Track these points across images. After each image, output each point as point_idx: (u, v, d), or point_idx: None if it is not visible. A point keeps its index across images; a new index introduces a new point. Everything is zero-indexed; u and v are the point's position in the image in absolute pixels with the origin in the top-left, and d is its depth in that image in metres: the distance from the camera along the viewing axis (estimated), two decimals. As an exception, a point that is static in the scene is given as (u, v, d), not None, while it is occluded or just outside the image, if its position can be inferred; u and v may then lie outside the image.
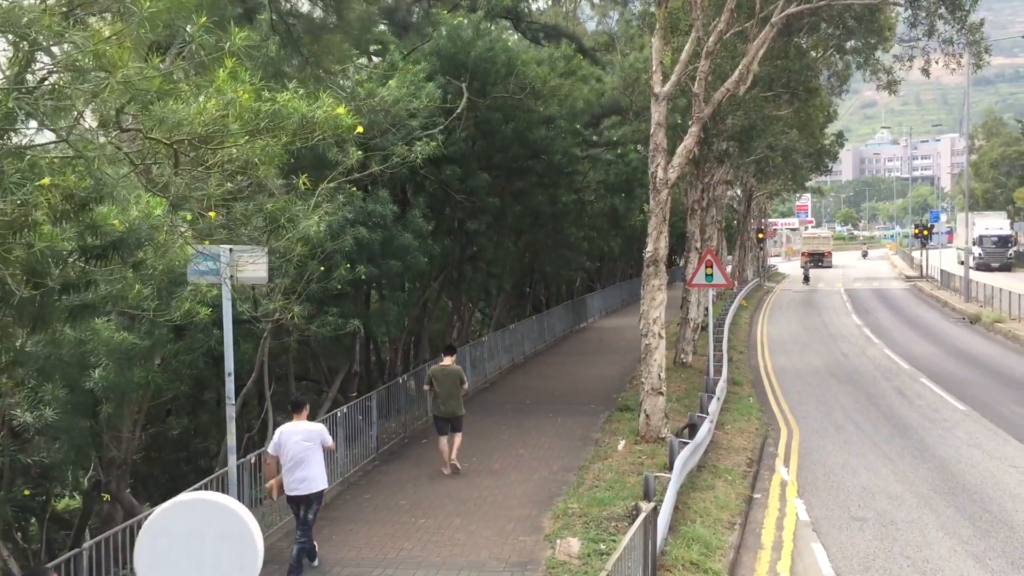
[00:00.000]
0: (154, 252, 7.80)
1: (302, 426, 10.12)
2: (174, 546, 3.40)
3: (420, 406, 18.11)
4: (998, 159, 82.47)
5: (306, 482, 9.94)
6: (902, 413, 19.62)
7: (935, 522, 12.36)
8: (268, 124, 6.32)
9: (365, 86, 16.73)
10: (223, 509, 3.35)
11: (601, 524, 11.33)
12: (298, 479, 9.93)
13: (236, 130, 6.25)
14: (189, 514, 3.37)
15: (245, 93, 6.48)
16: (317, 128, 6.08)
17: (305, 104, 6.07)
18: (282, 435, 10.05)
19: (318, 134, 6.26)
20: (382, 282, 17.35)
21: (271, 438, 10.31)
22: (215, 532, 3.33)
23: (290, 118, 5.97)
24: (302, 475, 9.93)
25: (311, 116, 5.96)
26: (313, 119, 5.96)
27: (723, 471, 14.16)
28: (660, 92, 15.66)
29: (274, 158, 6.56)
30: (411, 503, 12.83)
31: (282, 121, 6.02)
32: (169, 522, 3.38)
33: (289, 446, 9.95)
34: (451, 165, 19.27)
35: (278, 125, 6.15)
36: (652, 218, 15.83)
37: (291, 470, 9.94)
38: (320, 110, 6.00)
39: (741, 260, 53.79)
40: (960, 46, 16.30)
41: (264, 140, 6.15)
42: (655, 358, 15.73)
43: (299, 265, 12.84)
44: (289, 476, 9.96)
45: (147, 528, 3.41)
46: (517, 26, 30.47)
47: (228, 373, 9.76)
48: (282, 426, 10.28)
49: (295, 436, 10.00)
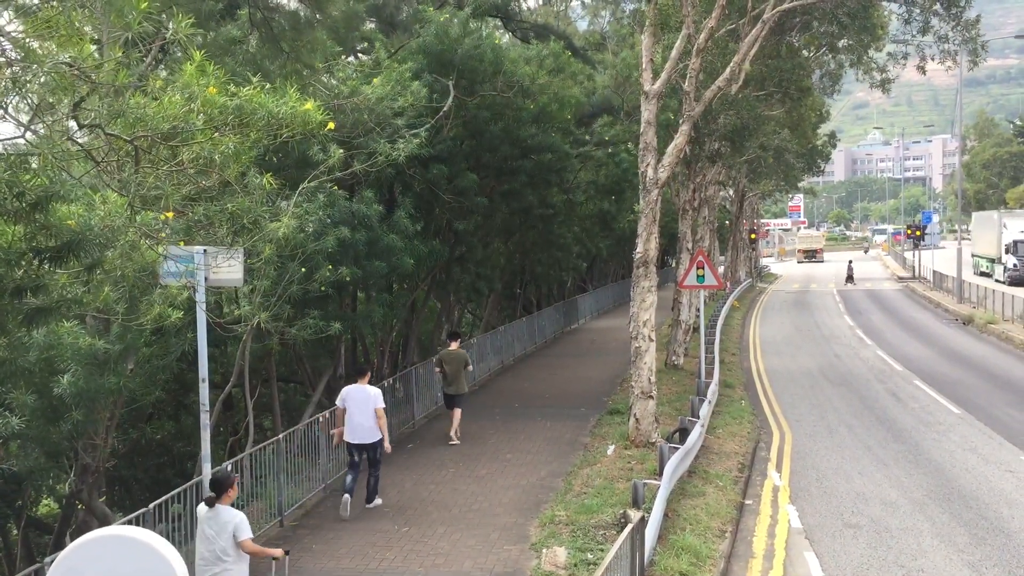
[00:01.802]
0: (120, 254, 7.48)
1: (363, 388, 12.41)
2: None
3: (406, 410, 17.80)
4: (990, 160, 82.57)
5: (361, 431, 12.30)
6: (896, 416, 19.37)
7: (930, 529, 12.09)
8: (233, 120, 5.99)
9: (349, 83, 16.42)
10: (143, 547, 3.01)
11: (589, 533, 11.03)
12: (355, 429, 12.31)
13: (200, 126, 5.94)
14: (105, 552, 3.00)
15: (211, 87, 6.18)
16: (284, 125, 5.75)
17: (271, 99, 5.74)
18: (347, 393, 12.45)
19: (286, 131, 5.93)
20: (368, 283, 17.02)
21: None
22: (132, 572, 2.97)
23: (255, 114, 5.64)
24: (358, 425, 12.28)
25: (276, 112, 5.63)
26: (279, 115, 5.63)
27: (714, 476, 13.88)
28: (650, 90, 15.37)
29: (242, 156, 6.22)
30: (394, 510, 12.52)
31: (247, 117, 5.69)
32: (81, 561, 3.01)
33: (349, 402, 12.38)
34: (439, 164, 18.95)
35: (244, 121, 5.82)
36: (642, 219, 15.53)
37: (349, 422, 12.36)
38: (286, 106, 5.68)
39: (734, 261, 53.59)
40: (956, 43, 16.05)
41: (230, 137, 5.82)
42: (645, 361, 15.44)
43: (279, 267, 12.55)
44: (348, 426, 12.36)
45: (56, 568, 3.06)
46: (507, 25, 30.21)
47: (202, 379, 9.43)
48: (347, 386, 12.62)
49: (356, 395, 12.36)
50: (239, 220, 6.28)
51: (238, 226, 6.51)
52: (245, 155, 6.30)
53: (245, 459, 11.89)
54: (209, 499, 7.45)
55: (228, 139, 5.70)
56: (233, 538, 7.29)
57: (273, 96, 5.85)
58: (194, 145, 5.84)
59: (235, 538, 7.29)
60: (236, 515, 7.36)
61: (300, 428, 13.21)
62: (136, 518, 8.90)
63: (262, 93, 5.82)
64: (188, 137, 5.93)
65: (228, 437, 20.66)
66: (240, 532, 7.32)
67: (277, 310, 12.46)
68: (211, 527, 7.35)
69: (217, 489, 7.46)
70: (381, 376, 20.17)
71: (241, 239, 7.25)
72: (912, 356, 28.15)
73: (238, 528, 7.31)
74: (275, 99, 5.80)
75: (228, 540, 7.27)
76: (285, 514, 12.07)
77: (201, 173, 5.89)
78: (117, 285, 8.68)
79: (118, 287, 8.79)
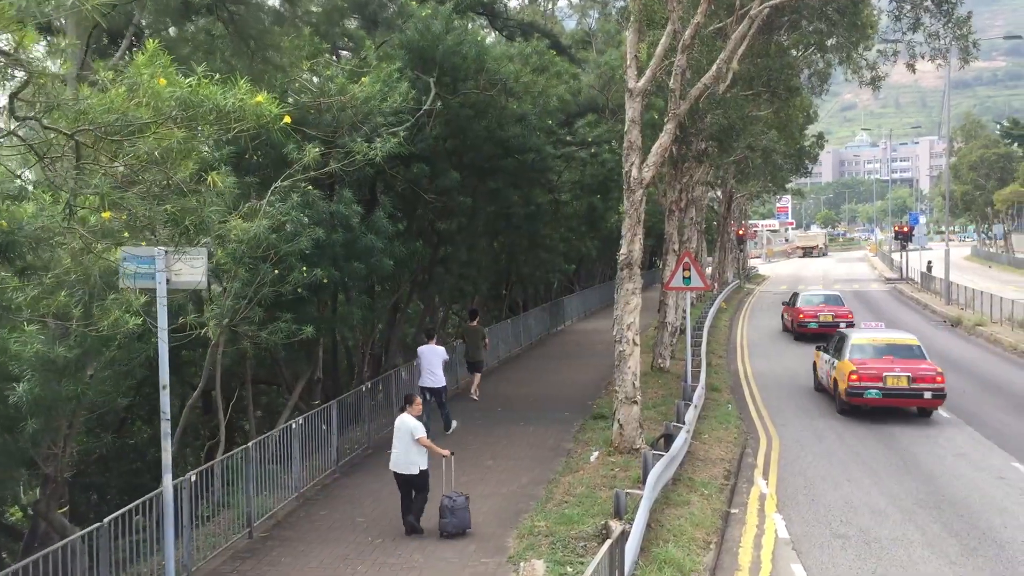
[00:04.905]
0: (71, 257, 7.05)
1: (432, 347, 17.00)
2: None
3: (386, 414, 17.36)
4: (977, 161, 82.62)
5: (430, 377, 16.76)
6: (884, 420, 19.04)
7: (920, 539, 11.76)
8: (180, 113, 5.57)
9: (336, 82, 16.00)
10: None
11: (569, 545, 10.66)
12: (425, 376, 16.81)
13: (147, 119, 5.53)
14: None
15: (161, 79, 5.76)
16: (235, 118, 5.34)
17: (219, 91, 5.33)
18: (421, 351, 17.10)
19: (238, 126, 5.52)
20: (347, 285, 16.60)
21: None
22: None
23: (201, 106, 5.24)
24: (427, 374, 16.78)
25: (223, 104, 5.22)
26: (225, 107, 5.23)
27: (699, 484, 13.52)
28: (635, 87, 15.01)
29: (192, 152, 5.80)
30: (368, 520, 12.12)
31: (192, 110, 5.28)
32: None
33: (422, 357, 16.93)
34: (420, 163, 18.57)
35: (190, 115, 5.41)
36: (626, 219, 15.16)
37: (423, 372, 16.85)
38: (234, 98, 5.27)
39: (721, 262, 53.34)
40: (947, 41, 15.73)
41: (176, 132, 5.40)
42: (629, 365, 15.07)
43: (251, 268, 12.13)
44: (422, 375, 16.82)
45: None
46: (493, 23, 29.83)
47: (163, 386, 8.98)
48: (422, 346, 17.24)
49: (427, 352, 16.94)
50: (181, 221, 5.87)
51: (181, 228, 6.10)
52: (196, 152, 5.84)
53: (216, 466, 11.47)
54: (402, 408, 11.72)
55: (174, 134, 5.28)
56: (411, 435, 11.23)
57: (222, 88, 5.44)
58: (138, 141, 5.41)
59: (412, 436, 11.23)
60: (413, 421, 11.33)
61: (274, 434, 12.78)
62: (89, 533, 8.48)
63: (209, 84, 5.41)
64: (133, 131, 5.51)
65: (206, 441, 20.22)
66: (416, 432, 11.26)
67: (248, 313, 12.06)
68: (400, 428, 11.36)
69: (406, 401, 11.73)
70: (362, 379, 19.73)
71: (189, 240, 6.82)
72: (900, 359, 27.83)
73: (414, 430, 11.25)
74: (223, 91, 5.39)
75: (408, 436, 11.26)
76: (255, 525, 11.63)
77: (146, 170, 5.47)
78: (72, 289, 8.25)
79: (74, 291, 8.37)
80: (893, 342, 20.22)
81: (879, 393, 18.60)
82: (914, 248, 59.28)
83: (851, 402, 18.99)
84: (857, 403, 18.89)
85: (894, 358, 19.21)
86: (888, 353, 19.54)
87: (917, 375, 18.66)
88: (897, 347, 19.89)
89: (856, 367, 18.85)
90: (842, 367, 19.44)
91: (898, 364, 18.88)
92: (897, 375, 18.59)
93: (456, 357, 20.69)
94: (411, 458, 11.28)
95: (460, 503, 11.32)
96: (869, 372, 18.70)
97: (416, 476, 11.34)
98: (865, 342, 20.05)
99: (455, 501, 11.30)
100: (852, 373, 18.80)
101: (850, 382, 18.82)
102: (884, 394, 18.60)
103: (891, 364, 18.90)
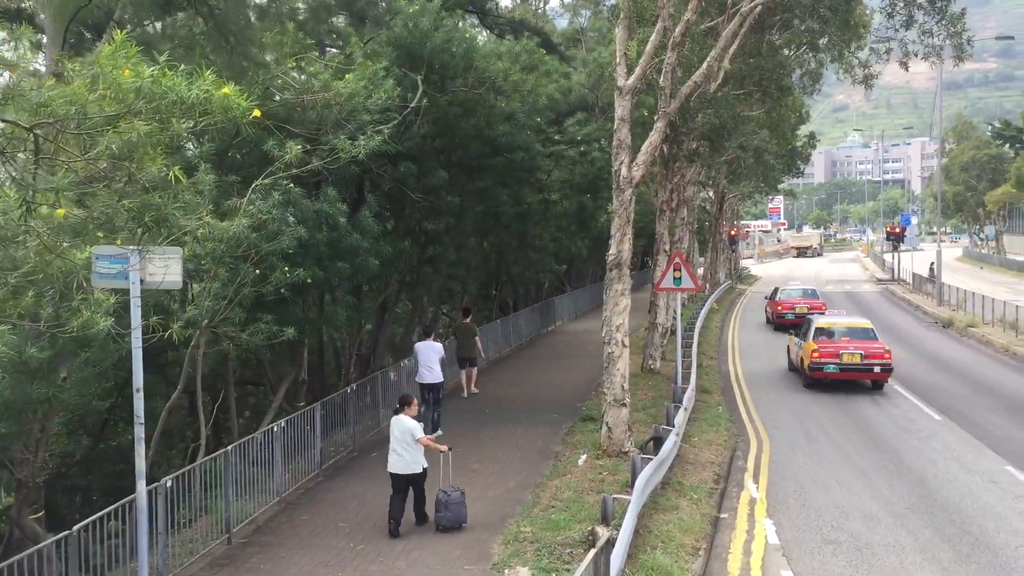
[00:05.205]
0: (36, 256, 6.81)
1: (430, 344, 17.05)
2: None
3: (371, 416, 17.12)
4: (969, 162, 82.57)
5: (428, 373, 16.75)
6: (876, 422, 18.90)
7: (913, 545, 11.56)
8: (144, 106, 5.31)
9: (320, 78, 15.75)
10: None
11: (555, 551, 10.43)
12: (423, 373, 16.80)
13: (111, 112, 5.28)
14: None
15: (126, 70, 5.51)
16: (201, 111, 5.10)
17: (183, 83, 5.09)
18: (418, 348, 17.24)
19: (203, 120, 5.28)
20: (332, 285, 16.32)
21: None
22: None
23: (165, 97, 4.99)
24: (426, 370, 16.77)
25: (187, 96, 4.98)
26: (189, 99, 4.98)
27: (689, 489, 13.30)
28: (624, 85, 14.79)
29: (157, 147, 5.55)
30: (351, 525, 11.87)
31: (156, 101, 5.04)
32: None
33: (420, 353, 16.95)
34: (407, 162, 18.32)
35: (153, 106, 5.16)
36: (616, 219, 14.92)
37: (420, 367, 16.88)
38: (198, 89, 5.03)
39: (713, 262, 53.17)
40: (940, 38, 15.55)
41: (137, 124, 5.15)
42: (618, 367, 14.84)
43: (231, 268, 11.88)
44: (419, 371, 16.88)
45: None
46: (483, 21, 29.64)
47: (136, 389, 8.73)
48: (419, 342, 17.44)
49: (424, 348, 16.97)
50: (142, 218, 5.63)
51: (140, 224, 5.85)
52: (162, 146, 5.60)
53: (197, 470, 11.21)
54: (396, 410, 11.63)
55: (135, 127, 5.03)
56: (411, 435, 11.27)
57: (187, 79, 5.19)
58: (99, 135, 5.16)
59: (412, 436, 11.27)
60: (411, 422, 11.35)
61: (257, 436, 12.53)
62: (59, 541, 8.23)
63: (174, 75, 5.16)
64: (95, 124, 5.26)
65: (190, 444, 19.91)
66: (416, 432, 11.32)
67: (228, 314, 11.80)
68: (398, 428, 11.33)
69: (401, 403, 11.64)
70: (348, 380, 19.46)
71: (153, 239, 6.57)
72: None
73: (414, 431, 11.29)
74: (187, 82, 5.15)
75: (408, 437, 11.25)
76: (234, 531, 11.37)
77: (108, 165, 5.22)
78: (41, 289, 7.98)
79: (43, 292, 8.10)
80: (850, 326, 23.49)
81: (837, 368, 21.82)
82: (906, 249, 59.19)
83: (813, 376, 22.14)
84: (818, 376, 22.03)
85: (850, 339, 22.37)
86: (846, 335, 22.64)
87: (869, 352, 21.84)
88: (853, 330, 23.05)
89: (818, 347, 22.09)
90: (807, 347, 22.64)
91: (853, 344, 22.08)
92: (852, 353, 21.85)
93: (449, 355, 20.40)
94: (415, 458, 11.41)
95: (455, 498, 11.53)
96: (828, 350, 21.95)
97: (420, 474, 11.50)
98: (826, 326, 23.27)
99: (450, 496, 11.51)
100: (814, 351, 22.03)
101: (812, 359, 22.03)
102: (841, 368, 21.82)
103: (847, 344, 22.08)
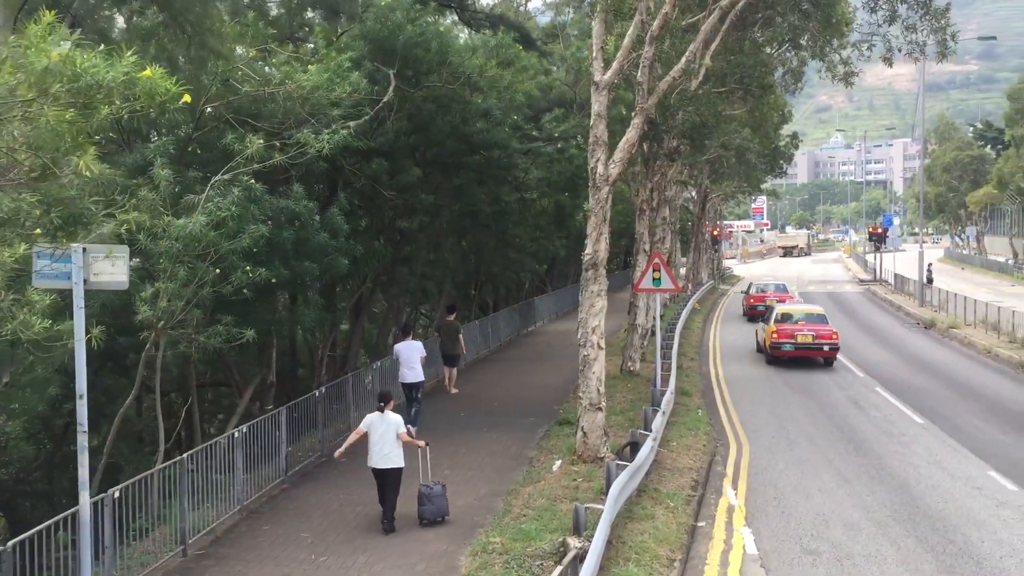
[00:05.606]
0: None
1: (410, 343, 17.31)
2: None
3: (342, 420, 16.62)
4: (951, 163, 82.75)
5: (409, 373, 16.98)
6: (857, 426, 18.57)
7: (895, 556, 11.19)
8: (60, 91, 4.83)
9: (282, 70, 15.25)
10: None
11: (524, 564, 9.99)
12: (405, 373, 16.99)
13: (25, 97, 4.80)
14: None
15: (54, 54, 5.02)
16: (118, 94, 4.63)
17: (102, 65, 4.62)
18: (399, 348, 17.31)
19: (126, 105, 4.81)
20: (299, 285, 15.78)
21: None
22: None
23: (78, 80, 4.52)
24: (408, 370, 16.97)
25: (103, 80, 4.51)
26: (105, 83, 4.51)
27: (665, 496, 12.88)
28: (601, 80, 14.37)
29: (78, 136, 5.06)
30: (315, 535, 11.40)
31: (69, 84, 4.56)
32: None
33: (400, 353, 17.13)
34: (380, 159, 17.83)
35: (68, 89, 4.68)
36: (592, 217, 14.49)
37: (402, 367, 17.06)
38: (115, 71, 4.56)
39: (696, 263, 52.89)
40: (924, 34, 15.22)
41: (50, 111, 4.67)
42: (594, 371, 14.41)
43: (190, 267, 11.38)
44: (401, 370, 17.06)
45: None
46: (462, 16, 29.13)
47: (79, 395, 8.25)
48: (399, 343, 17.54)
49: (406, 349, 17.14)
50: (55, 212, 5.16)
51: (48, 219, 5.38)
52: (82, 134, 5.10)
53: (154, 477, 10.72)
54: (380, 407, 11.56)
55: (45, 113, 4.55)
56: (397, 430, 11.34)
57: (106, 62, 4.72)
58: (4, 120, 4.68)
59: (398, 430, 11.34)
60: (396, 417, 11.49)
61: (221, 440, 12.04)
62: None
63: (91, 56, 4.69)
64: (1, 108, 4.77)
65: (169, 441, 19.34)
66: (401, 427, 11.43)
67: (185, 315, 11.31)
68: (382, 423, 11.39)
69: (384, 400, 11.62)
70: (320, 382, 18.93)
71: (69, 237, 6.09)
72: (873, 361, 27.49)
73: (398, 425, 11.39)
74: (107, 64, 4.68)
75: (392, 432, 11.33)
76: (190, 542, 10.85)
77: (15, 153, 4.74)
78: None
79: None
80: (806, 312, 27.76)
81: (792, 347, 26.01)
82: (888, 250, 59.12)
83: (773, 353, 26.27)
84: (777, 354, 26.19)
85: (805, 323, 26.67)
86: (802, 319, 26.86)
87: (819, 334, 26.09)
88: (809, 315, 27.16)
89: (776, 329, 26.41)
90: (768, 329, 26.90)
91: (807, 327, 26.42)
92: (805, 334, 26.15)
93: (431, 353, 20.02)
94: (399, 451, 11.53)
95: (437, 491, 11.72)
96: (785, 332, 26.22)
97: (401, 469, 11.61)
98: (785, 311, 27.57)
99: (432, 489, 11.69)
100: (774, 333, 26.37)
101: (772, 339, 26.31)
102: (796, 347, 25.99)
103: (803, 327, 26.41)
